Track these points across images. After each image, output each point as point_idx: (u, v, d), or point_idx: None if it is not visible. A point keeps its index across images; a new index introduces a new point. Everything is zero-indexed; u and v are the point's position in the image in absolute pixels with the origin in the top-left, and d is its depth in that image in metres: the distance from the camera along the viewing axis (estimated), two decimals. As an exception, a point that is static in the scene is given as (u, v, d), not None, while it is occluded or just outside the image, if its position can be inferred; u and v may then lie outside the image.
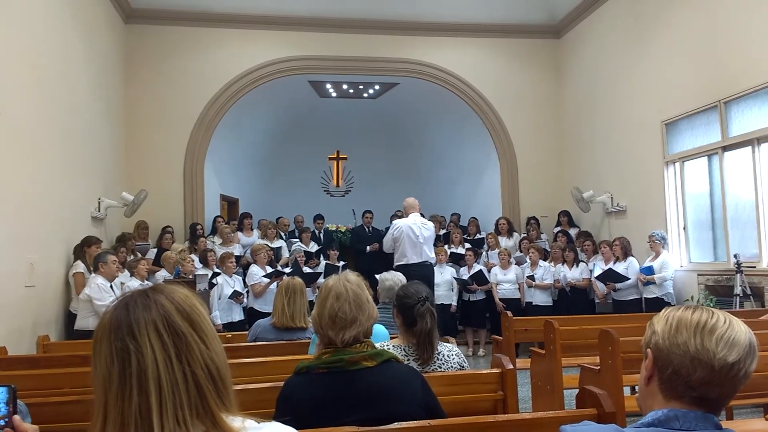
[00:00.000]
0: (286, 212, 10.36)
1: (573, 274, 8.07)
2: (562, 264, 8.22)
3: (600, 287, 7.67)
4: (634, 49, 8.39)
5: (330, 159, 13.05)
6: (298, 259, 8.37)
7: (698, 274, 7.15)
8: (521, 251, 8.97)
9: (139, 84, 9.37)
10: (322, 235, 10.08)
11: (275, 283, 7.13)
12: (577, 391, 2.22)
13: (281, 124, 11.99)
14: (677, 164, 7.71)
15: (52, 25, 6.51)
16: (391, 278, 3.84)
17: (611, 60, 8.97)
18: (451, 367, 2.63)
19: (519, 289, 8.42)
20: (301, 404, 1.97)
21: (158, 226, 8.78)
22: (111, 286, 5.76)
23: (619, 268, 7.44)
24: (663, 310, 1.38)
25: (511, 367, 2.64)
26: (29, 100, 5.87)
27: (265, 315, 5.53)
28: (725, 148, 6.87)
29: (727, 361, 1.23)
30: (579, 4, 9.65)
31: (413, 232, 6.74)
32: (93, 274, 5.87)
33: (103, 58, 8.20)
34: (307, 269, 8.35)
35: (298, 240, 9.34)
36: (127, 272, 6.77)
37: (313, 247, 9.23)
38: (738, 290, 6.09)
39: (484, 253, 9.35)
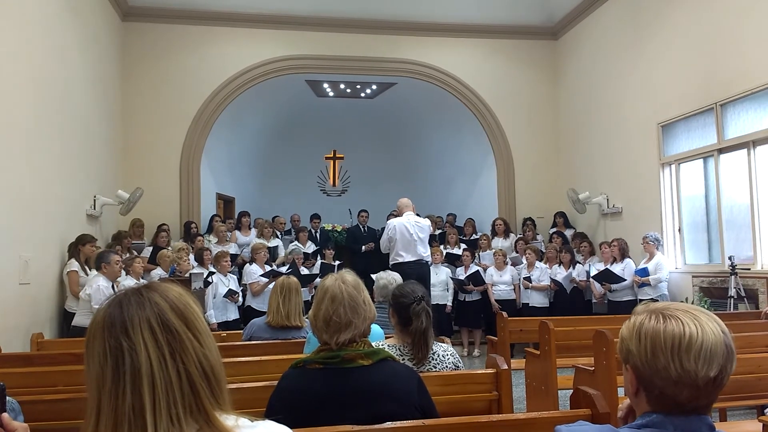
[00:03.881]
0: (282, 211, 10.34)
1: (568, 275, 8.10)
2: (559, 265, 8.24)
3: (597, 287, 7.69)
4: (631, 51, 8.41)
5: (326, 158, 13.02)
6: (296, 260, 8.31)
7: (693, 276, 7.17)
8: (517, 252, 8.98)
9: (136, 82, 9.34)
10: (318, 235, 10.07)
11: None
12: (571, 391, 2.23)
13: (278, 123, 11.98)
14: (673, 166, 7.73)
15: (49, 23, 6.49)
16: (387, 277, 3.84)
17: (608, 62, 8.98)
18: (446, 366, 2.63)
19: (514, 290, 8.43)
20: (296, 397, 1.98)
21: (154, 224, 8.75)
22: (112, 286, 5.60)
23: (616, 269, 7.47)
24: (631, 317, 1.35)
25: (506, 367, 2.64)
26: (25, 96, 5.85)
27: (261, 313, 5.52)
28: (721, 151, 6.89)
29: (709, 376, 1.24)
30: (576, 5, 9.67)
31: (407, 231, 6.74)
32: (95, 273, 5.70)
33: (99, 55, 8.18)
34: (304, 270, 8.32)
35: (295, 239, 9.31)
36: (122, 271, 6.73)
37: (310, 247, 9.21)
38: (732, 292, 6.11)
39: (477, 254, 9.36)
